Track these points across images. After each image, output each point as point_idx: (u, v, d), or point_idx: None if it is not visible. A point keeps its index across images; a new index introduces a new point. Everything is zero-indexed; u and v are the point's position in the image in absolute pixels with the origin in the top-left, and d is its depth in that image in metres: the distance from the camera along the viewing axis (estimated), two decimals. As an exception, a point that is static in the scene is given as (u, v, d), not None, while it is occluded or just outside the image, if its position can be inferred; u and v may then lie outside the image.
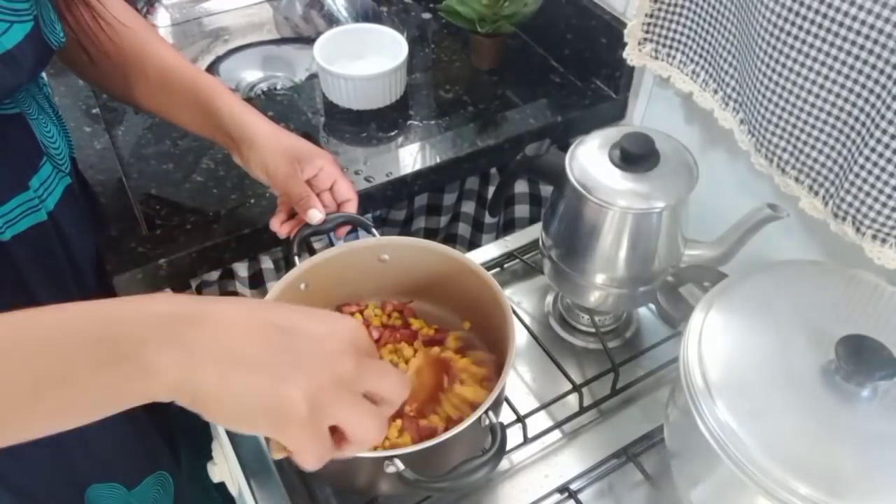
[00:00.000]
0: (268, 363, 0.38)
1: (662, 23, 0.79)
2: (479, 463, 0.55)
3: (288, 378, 0.38)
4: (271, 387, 0.37)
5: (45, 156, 0.64)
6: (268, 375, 0.38)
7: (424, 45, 1.13)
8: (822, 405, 0.50)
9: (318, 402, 0.38)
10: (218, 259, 0.81)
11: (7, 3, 0.53)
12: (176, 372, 0.37)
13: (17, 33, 0.54)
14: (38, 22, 0.56)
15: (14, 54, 0.54)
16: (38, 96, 0.66)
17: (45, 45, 0.58)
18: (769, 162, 0.72)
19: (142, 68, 0.72)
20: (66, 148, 0.70)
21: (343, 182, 0.73)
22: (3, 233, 0.61)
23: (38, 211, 0.63)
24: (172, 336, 0.37)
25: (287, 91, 1.04)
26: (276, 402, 0.38)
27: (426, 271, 0.73)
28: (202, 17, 1.26)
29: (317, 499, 0.67)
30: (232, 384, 0.37)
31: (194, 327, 0.38)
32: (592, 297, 0.76)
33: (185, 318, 0.38)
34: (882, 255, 0.63)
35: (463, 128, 0.94)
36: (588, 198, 0.68)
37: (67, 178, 0.68)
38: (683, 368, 0.54)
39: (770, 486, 0.48)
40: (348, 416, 0.40)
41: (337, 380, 0.39)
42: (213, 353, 0.37)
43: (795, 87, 0.65)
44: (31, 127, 0.63)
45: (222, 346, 0.38)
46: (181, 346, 0.37)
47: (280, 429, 0.38)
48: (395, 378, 0.43)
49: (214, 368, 0.37)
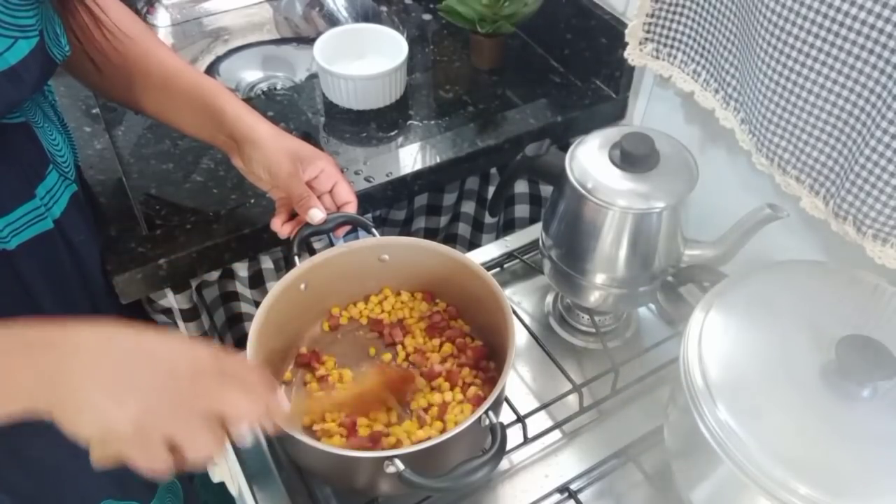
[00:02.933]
0: (104, 387, 0.44)
1: (663, 22, 0.79)
2: (479, 463, 0.55)
3: (119, 399, 0.44)
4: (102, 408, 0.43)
5: (50, 164, 0.64)
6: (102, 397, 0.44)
7: (424, 45, 1.13)
8: (822, 405, 0.50)
9: (143, 422, 0.44)
10: (218, 259, 0.81)
11: (12, 20, 0.53)
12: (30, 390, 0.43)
13: (21, 49, 0.54)
14: (44, 36, 0.57)
15: (17, 70, 0.54)
16: (43, 105, 0.66)
17: (50, 59, 0.58)
18: (770, 161, 0.72)
19: (145, 73, 0.72)
20: (71, 156, 0.70)
21: (343, 184, 0.74)
22: (9, 241, 0.60)
23: (45, 219, 0.63)
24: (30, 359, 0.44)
25: (287, 91, 1.04)
26: (105, 420, 0.43)
27: (426, 271, 0.73)
28: (202, 17, 1.26)
29: (317, 499, 0.67)
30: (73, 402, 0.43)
31: (48, 353, 0.44)
32: (592, 297, 0.76)
33: (43, 345, 0.45)
34: (883, 255, 0.63)
35: (463, 128, 0.94)
36: (588, 198, 0.68)
37: (73, 186, 0.68)
38: (683, 368, 0.54)
39: (770, 486, 0.48)
40: (176, 431, 0.45)
41: (167, 401, 0.44)
42: (62, 376, 0.44)
43: (796, 87, 0.65)
44: (37, 135, 0.63)
45: (70, 371, 0.44)
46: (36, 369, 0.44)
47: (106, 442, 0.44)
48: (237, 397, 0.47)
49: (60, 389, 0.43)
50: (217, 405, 0.46)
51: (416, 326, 0.74)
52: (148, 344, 0.47)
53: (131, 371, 0.45)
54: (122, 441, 0.44)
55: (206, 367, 0.47)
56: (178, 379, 0.45)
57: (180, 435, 0.45)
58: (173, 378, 0.45)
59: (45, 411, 0.44)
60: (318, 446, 0.57)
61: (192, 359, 0.47)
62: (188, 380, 0.46)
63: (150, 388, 0.44)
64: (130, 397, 0.44)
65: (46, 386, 0.44)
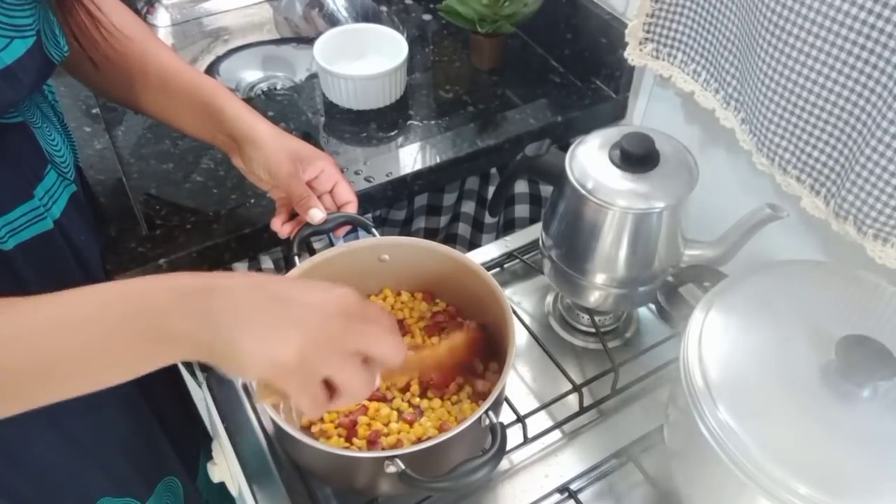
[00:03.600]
0: (266, 325, 0.45)
1: (663, 22, 0.79)
2: (479, 463, 0.55)
3: (283, 336, 0.45)
4: (270, 344, 0.45)
5: (49, 164, 0.64)
6: (266, 334, 0.45)
7: (424, 45, 1.13)
8: (822, 405, 0.50)
9: (308, 356, 0.45)
10: (218, 259, 0.81)
11: (8, 20, 0.53)
12: (193, 335, 0.45)
13: (17, 49, 0.54)
14: (41, 36, 0.56)
15: (14, 70, 0.54)
16: (42, 105, 0.66)
17: (47, 59, 0.58)
18: (770, 161, 0.72)
19: (144, 73, 0.72)
20: (70, 156, 0.70)
21: (343, 185, 0.74)
22: (6, 242, 0.60)
23: (44, 220, 0.63)
24: (189, 306, 0.45)
25: (287, 91, 1.04)
26: (273, 355, 0.45)
27: (426, 271, 0.73)
28: (202, 17, 1.26)
29: (317, 499, 0.67)
30: (238, 342, 0.45)
31: (207, 298, 0.45)
32: (592, 297, 0.76)
33: (199, 290, 0.46)
34: (883, 255, 0.63)
35: (463, 128, 0.94)
36: (588, 198, 0.68)
37: (73, 186, 0.68)
38: (683, 368, 0.54)
39: (770, 486, 0.48)
40: (335, 370, 0.46)
41: (325, 339, 0.46)
42: (223, 318, 0.45)
43: (797, 87, 0.65)
44: (35, 135, 0.63)
45: (230, 312, 0.45)
46: (196, 314, 0.45)
47: (276, 375, 0.46)
48: (385, 341, 0.48)
49: (224, 331, 0.45)
50: (365, 346, 0.47)
51: (416, 326, 0.74)
52: (297, 287, 0.48)
53: (287, 311, 0.46)
54: (287, 376, 0.45)
55: (353, 310, 0.48)
56: (330, 318, 0.47)
57: (338, 371, 0.46)
58: (326, 317, 0.46)
59: (207, 355, 0.45)
60: (318, 446, 0.57)
61: (341, 301, 0.48)
62: (339, 320, 0.47)
63: (308, 326, 0.46)
64: (292, 333, 0.45)
65: (209, 330, 0.45)
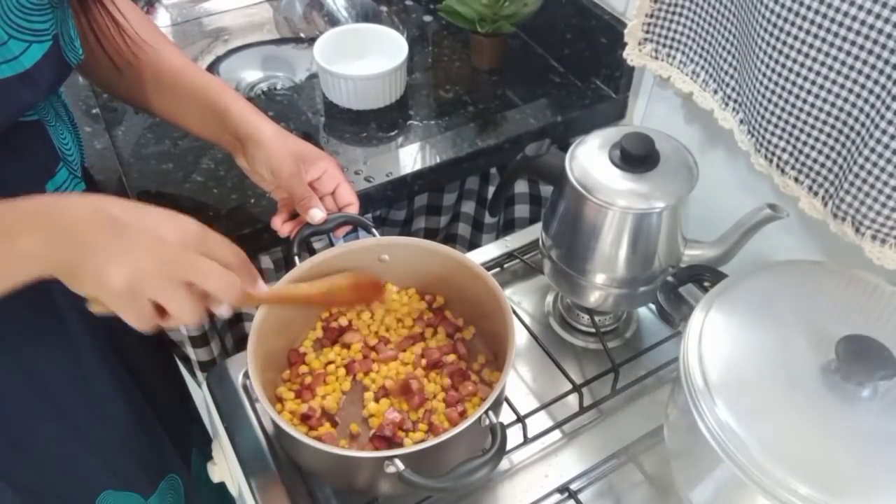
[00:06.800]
0: (102, 246, 0.48)
1: (662, 23, 0.79)
2: (479, 463, 0.55)
3: (113, 260, 0.48)
4: (100, 268, 0.48)
5: (61, 161, 0.65)
6: (100, 254, 0.48)
7: (424, 45, 1.13)
8: (822, 405, 0.50)
9: (135, 282, 0.48)
10: (218, 259, 0.81)
11: (27, 24, 0.54)
12: (36, 252, 0.48)
13: (35, 53, 0.55)
14: (58, 41, 0.57)
15: (32, 73, 0.55)
16: (55, 104, 0.67)
17: (64, 62, 0.59)
18: (769, 162, 0.72)
19: (157, 75, 0.73)
20: (79, 154, 0.70)
21: (346, 186, 0.74)
22: None
23: None
24: (31, 226, 0.48)
25: (287, 91, 1.04)
26: (102, 278, 0.48)
27: (426, 271, 0.73)
28: (202, 17, 1.26)
29: (317, 499, 0.67)
30: (72, 263, 0.48)
31: (48, 219, 0.48)
32: (592, 297, 0.76)
33: (42, 212, 0.48)
34: (882, 256, 0.63)
35: (463, 128, 0.94)
36: (588, 198, 0.68)
37: (83, 184, 0.69)
38: (683, 368, 0.54)
39: (770, 486, 0.48)
40: (162, 297, 0.49)
41: (154, 266, 0.48)
42: (62, 238, 0.48)
43: (795, 88, 0.65)
44: (49, 133, 0.63)
45: (69, 232, 0.48)
46: (38, 234, 0.47)
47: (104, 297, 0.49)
48: (217, 277, 0.51)
49: (62, 251, 0.48)
50: (195, 279, 0.50)
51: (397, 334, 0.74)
52: (135, 211, 0.50)
53: (121, 236, 0.48)
54: (114, 298, 0.49)
55: (192, 241, 0.51)
56: (164, 245, 0.49)
57: (165, 300, 0.49)
58: (161, 244, 0.49)
59: (51, 271, 0.48)
60: (319, 446, 0.57)
61: (180, 230, 0.50)
62: (172, 249, 0.49)
63: (139, 252, 0.48)
64: (124, 259, 0.48)
65: (54, 249, 0.48)
